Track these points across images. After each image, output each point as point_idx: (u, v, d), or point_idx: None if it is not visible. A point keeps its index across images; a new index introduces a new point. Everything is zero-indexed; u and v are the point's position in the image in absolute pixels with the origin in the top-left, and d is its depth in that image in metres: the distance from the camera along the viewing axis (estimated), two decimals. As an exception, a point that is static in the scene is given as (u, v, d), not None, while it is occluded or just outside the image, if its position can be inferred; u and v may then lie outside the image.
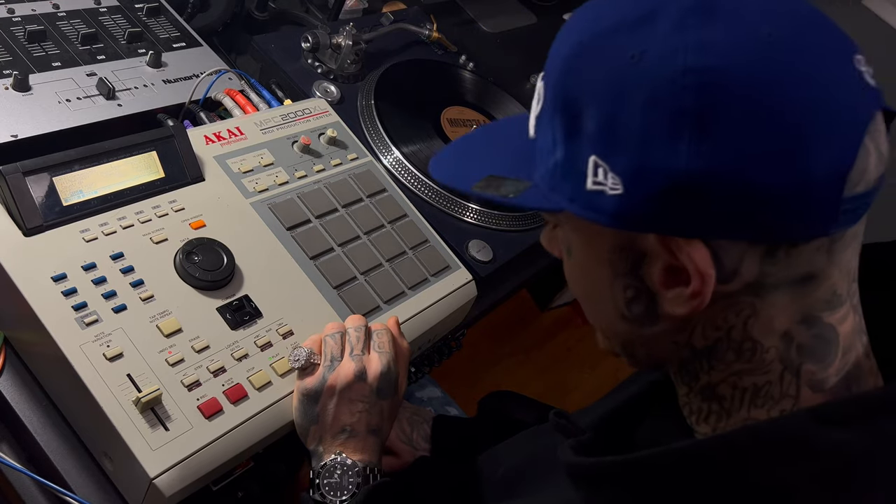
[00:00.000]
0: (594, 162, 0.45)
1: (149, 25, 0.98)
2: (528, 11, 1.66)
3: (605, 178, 0.44)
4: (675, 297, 0.46)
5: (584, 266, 0.52)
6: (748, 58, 0.41)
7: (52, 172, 0.68)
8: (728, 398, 0.49)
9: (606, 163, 0.44)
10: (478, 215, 1.03)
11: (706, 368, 0.49)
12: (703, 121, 0.41)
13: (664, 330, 0.49)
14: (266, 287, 0.75)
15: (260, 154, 0.85)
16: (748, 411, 0.48)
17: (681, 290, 0.45)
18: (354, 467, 0.68)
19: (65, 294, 0.64)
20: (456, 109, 1.17)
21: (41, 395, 0.68)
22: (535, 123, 0.52)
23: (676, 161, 0.42)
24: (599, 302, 0.52)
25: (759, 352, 0.47)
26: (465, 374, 1.75)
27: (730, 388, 0.48)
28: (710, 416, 0.50)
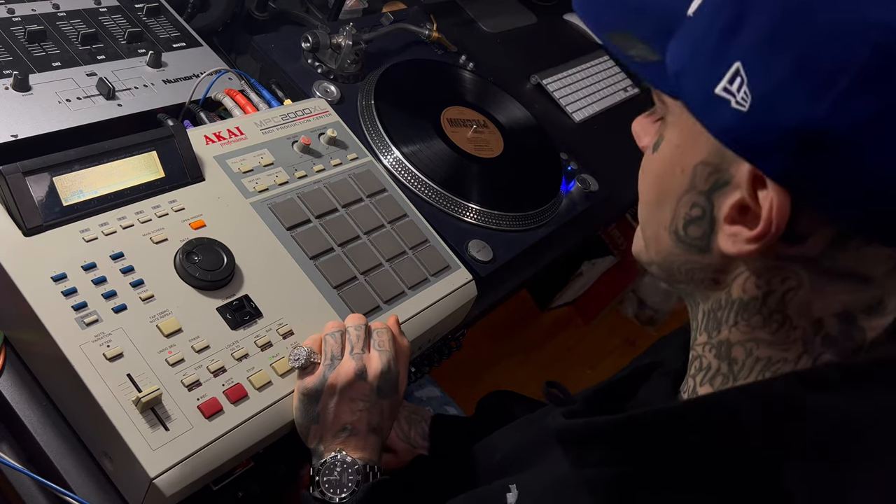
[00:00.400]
0: (736, 69, 0.42)
1: (149, 25, 0.98)
2: (528, 11, 1.66)
3: (738, 90, 0.42)
4: (733, 234, 0.45)
5: (666, 166, 0.50)
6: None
7: (52, 172, 0.68)
8: (739, 363, 0.49)
9: (747, 75, 0.42)
10: (478, 215, 1.03)
11: (731, 322, 0.49)
12: (865, 82, 0.39)
13: (709, 263, 0.49)
14: (266, 287, 0.75)
15: (260, 154, 0.85)
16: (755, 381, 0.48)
17: (740, 230, 0.45)
18: (354, 465, 0.68)
19: (65, 294, 0.64)
20: (456, 109, 1.17)
21: (41, 395, 0.67)
22: (699, 3, 0.47)
23: (818, 108, 0.40)
24: (661, 208, 0.51)
25: (787, 327, 0.47)
26: (465, 374, 1.76)
27: (745, 352, 0.49)
28: (717, 377, 0.50)
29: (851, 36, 0.39)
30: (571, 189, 1.21)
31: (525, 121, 1.26)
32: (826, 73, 0.39)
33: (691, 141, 0.47)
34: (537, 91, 1.45)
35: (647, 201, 0.53)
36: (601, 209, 1.24)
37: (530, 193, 1.12)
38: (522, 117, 1.26)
